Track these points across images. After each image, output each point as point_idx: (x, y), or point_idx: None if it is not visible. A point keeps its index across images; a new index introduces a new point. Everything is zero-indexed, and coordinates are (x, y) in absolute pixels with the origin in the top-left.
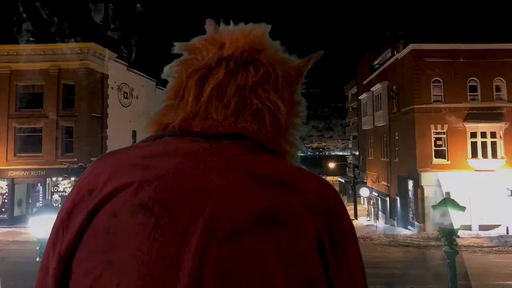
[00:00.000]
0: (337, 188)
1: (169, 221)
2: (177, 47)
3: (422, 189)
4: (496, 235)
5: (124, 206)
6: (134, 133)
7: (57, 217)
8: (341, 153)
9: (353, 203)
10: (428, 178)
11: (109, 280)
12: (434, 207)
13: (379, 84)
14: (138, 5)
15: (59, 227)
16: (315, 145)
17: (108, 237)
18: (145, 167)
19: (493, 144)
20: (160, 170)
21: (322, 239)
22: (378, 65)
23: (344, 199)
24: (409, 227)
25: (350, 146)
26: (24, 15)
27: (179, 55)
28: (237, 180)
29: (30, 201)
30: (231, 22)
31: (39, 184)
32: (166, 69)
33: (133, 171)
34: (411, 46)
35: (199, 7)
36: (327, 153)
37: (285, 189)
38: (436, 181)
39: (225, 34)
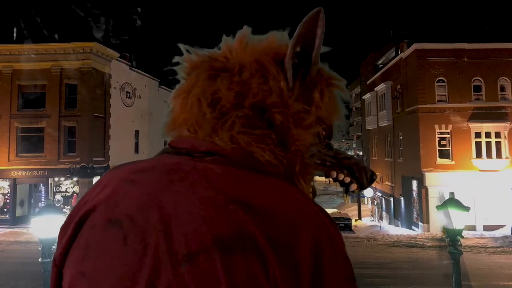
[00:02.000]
0: (341, 189)
1: (134, 238)
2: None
3: (426, 189)
4: (501, 235)
5: (100, 219)
6: (136, 133)
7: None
8: None
9: (357, 203)
10: (432, 178)
11: None
12: (438, 207)
13: (383, 83)
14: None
15: (59, 235)
16: None
17: (85, 248)
18: (130, 181)
19: (498, 144)
20: (140, 185)
21: (282, 282)
22: (381, 65)
23: (348, 199)
24: (413, 227)
25: (354, 146)
26: (26, 15)
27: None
28: (206, 201)
29: (32, 201)
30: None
31: (41, 184)
32: None
33: (118, 185)
34: (415, 46)
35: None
36: None
37: (254, 215)
38: (441, 181)
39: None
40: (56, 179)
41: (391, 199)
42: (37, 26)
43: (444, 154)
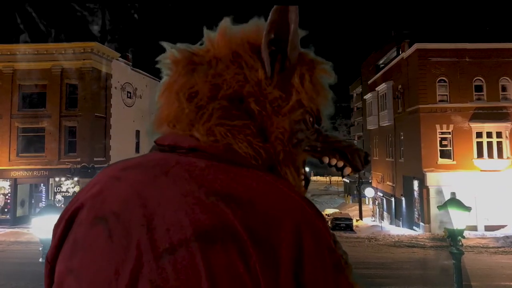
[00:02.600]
0: (342, 189)
1: (119, 233)
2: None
3: (428, 190)
4: (502, 235)
5: (87, 216)
6: (137, 133)
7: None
8: None
9: (358, 204)
10: (433, 178)
11: (69, 287)
12: (439, 207)
13: (384, 83)
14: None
15: (52, 233)
16: None
17: (73, 245)
18: (117, 178)
19: (499, 144)
20: (126, 182)
21: (262, 273)
22: (383, 65)
23: (349, 200)
24: (414, 227)
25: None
26: (26, 15)
27: None
28: (188, 194)
29: (32, 201)
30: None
31: (42, 184)
32: None
33: (106, 182)
34: (416, 46)
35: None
36: None
37: (235, 207)
38: (442, 181)
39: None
40: (57, 179)
41: (392, 199)
42: (38, 26)
43: (445, 154)
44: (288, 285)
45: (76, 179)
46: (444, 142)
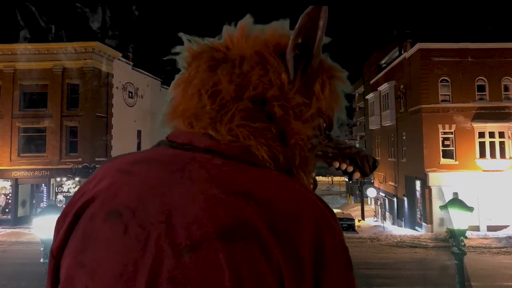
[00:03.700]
0: (344, 189)
1: (135, 228)
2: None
3: (430, 190)
4: (505, 235)
5: (100, 210)
6: (139, 132)
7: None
8: None
9: (360, 204)
10: (435, 179)
11: (80, 282)
12: (441, 207)
13: (386, 83)
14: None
15: (55, 228)
16: None
17: (84, 239)
18: (127, 172)
19: (502, 144)
20: (139, 176)
21: (285, 270)
22: (385, 65)
23: (351, 200)
24: (416, 227)
25: (357, 146)
26: (27, 14)
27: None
28: (207, 191)
29: (34, 201)
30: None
31: (43, 185)
32: None
33: (116, 176)
34: (418, 45)
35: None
36: None
37: (255, 205)
38: (444, 181)
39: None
40: (58, 179)
41: (395, 199)
42: (39, 25)
43: (447, 154)
44: (310, 282)
45: (77, 179)
46: (447, 142)
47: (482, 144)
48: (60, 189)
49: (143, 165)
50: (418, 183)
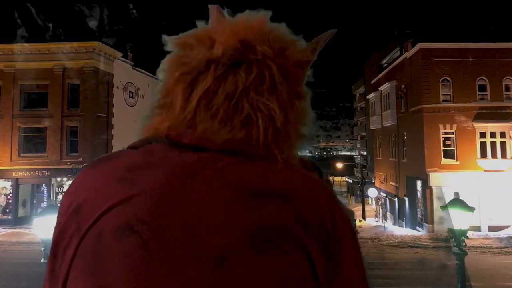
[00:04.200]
0: (345, 189)
1: (156, 244)
2: (168, 42)
3: (431, 190)
4: (506, 236)
5: (109, 227)
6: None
7: (53, 233)
8: (348, 153)
9: (361, 204)
10: (437, 179)
11: None
12: (443, 207)
13: (387, 83)
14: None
15: (55, 249)
16: (322, 145)
17: (96, 259)
18: (130, 182)
19: (503, 144)
20: (146, 185)
21: (315, 255)
22: (386, 64)
23: (352, 200)
24: (417, 227)
25: (358, 146)
26: (28, 14)
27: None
28: (226, 195)
29: (34, 201)
30: (226, 11)
31: (43, 185)
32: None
33: (118, 187)
34: (419, 45)
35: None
36: (334, 153)
37: (277, 201)
38: (445, 181)
39: (219, 29)
40: (59, 179)
41: (396, 199)
42: (39, 25)
43: (448, 154)
44: (336, 261)
45: None
46: (448, 142)
47: (483, 144)
48: (60, 189)
49: (145, 172)
50: (419, 183)
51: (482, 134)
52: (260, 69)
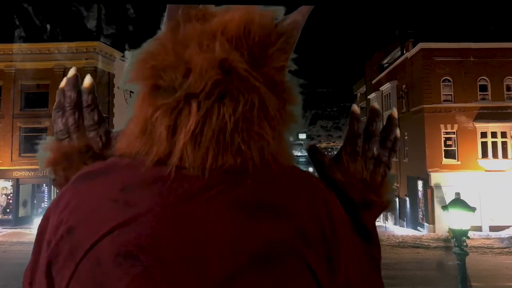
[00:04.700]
0: None
1: (158, 269)
2: (130, 57)
3: (432, 190)
4: (507, 236)
5: (108, 253)
6: None
7: (44, 251)
8: None
9: None
10: (438, 179)
11: None
12: (444, 207)
13: (388, 83)
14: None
15: (48, 267)
16: (323, 145)
17: (96, 287)
18: (125, 204)
19: (504, 144)
20: (142, 207)
21: (317, 266)
22: (387, 64)
23: None
24: (418, 228)
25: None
26: (28, 14)
27: None
28: (226, 215)
29: (35, 201)
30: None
31: (44, 185)
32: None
33: (113, 210)
34: (420, 45)
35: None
36: (335, 153)
37: (275, 217)
38: (446, 181)
39: (193, 49)
40: None
41: (397, 199)
42: (40, 25)
43: (449, 154)
44: (337, 269)
45: None
46: (449, 142)
47: (484, 144)
48: None
49: (142, 191)
50: (420, 183)
51: (483, 134)
52: (248, 96)
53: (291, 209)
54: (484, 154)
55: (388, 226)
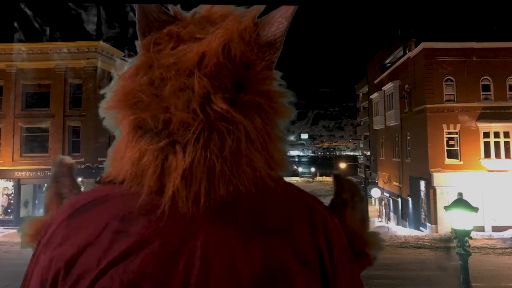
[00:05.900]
0: None
1: None
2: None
3: (434, 190)
4: (510, 236)
5: (113, 284)
6: None
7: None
8: (352, 153)
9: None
10: (440, 179)
11: None
12: (446, 208)
13: (390, 83)
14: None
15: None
16: (325, 145)
17: None
18: (126, 234)
19: (507, 144)
20: (143, 235)
21: (314, 285)
22: (389, 64)
23: None
24: (421, 228)
25: (361, 146)
26: (30, 14)
27: None
28: (227, 238)
29: (36, 202)
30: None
31: (45, 185)
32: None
33: (114, 241)
34: (423, 45)
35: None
36: (337, 153)
37: (274, 239)
38: (449, 181)
39: (170, 84)
40: None
41: (399, 199)
42: (41, 25)
43: (452, 154)
44: (346, 269)
45: (80, 179)
46: (451, 142)
47: (487, 144)
48: None
49: (142, 218)
50: (422, 183)
51: (486, 134)
52: (233, 135)
53: (289, 230)
54: (487, 154)
55: (391, 227)
